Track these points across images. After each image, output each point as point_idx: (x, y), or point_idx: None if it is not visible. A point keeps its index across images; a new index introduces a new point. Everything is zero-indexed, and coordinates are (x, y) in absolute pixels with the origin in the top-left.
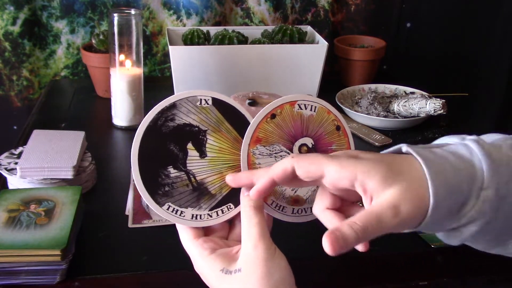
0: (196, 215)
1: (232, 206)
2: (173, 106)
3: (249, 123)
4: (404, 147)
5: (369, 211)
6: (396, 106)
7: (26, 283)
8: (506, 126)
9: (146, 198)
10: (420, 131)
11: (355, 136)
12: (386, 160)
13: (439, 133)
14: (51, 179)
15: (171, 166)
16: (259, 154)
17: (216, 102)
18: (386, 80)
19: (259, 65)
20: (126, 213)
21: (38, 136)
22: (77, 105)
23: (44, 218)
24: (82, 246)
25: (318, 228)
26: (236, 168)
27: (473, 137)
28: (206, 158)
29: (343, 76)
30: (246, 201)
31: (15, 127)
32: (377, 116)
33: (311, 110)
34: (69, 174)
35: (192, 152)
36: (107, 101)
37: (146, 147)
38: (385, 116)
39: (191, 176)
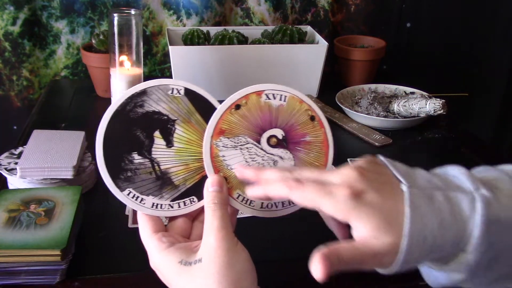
0: (157, 204)
1: (195, 199)
2: (143, 92)
3: None
4: (405, 188)
5: (355, 249)
6: (396, 106)
7: (26, 283)
8: (506, 126)
9: (107, 181)
10: (420, 131)
11: (355, 136)
12: (385, 208)
13: (439, 133)
14: (51, 179)
15: (135, 152)
16: (222, 146)
17: (189, 93)
18: (386, 80)
19: (259, 65)
20: (126, 213)
21: (38, 136)
22: (77, 105)
23: (44, 218)
24: (82, 246)
25: (317, 228)
26: (203, 161)
27: (489, 194)
28: (172, 148)
29: (343, 76)
30: (211, 197)
31: (15, 127)
32: (377, 116)
33: (280, 100)
34: (69, 174)
35: (159, 141)
36: (107, 101)
37: (112, 130)
38: (385, 116)
39: (155, 164)
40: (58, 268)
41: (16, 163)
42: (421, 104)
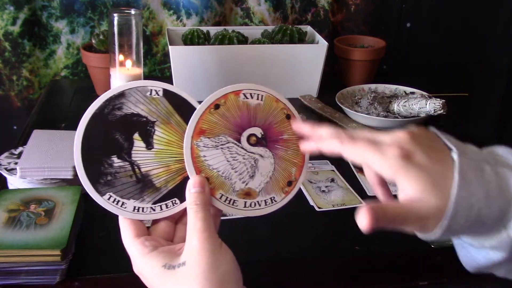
0: (139, 207)
1: (177, 201)
2: (121, 95)
3: None
4: (455, 156)
5: (400, 208)
6: (396, 106)
7: (26, 283)
8: (506, 126)
9: (87, 186)
10: None
11: None
12: (433, 171)
13: None
14: (51, 179)
15: (115, 156)
16: (203, 146)
17: (168, 94)
18: (386, 80)
19: (259, 65)
20: None
21: (38, 136)
22: (77, 105)
23: (44, 218)
24: (82, 246)
25: (318, 228)
26: (184, 162)
27: None
28: (153, 150)
29: (343, 76)
30: (193, 198)
31: (15, 127)
32: (377, 116)
33: (257, 99)
34: (69, 174)
35: (139, 143)
36: None
37: (91, 134)
38: (385, 116)
39: (135, 167)
40: (58, 268)
41: (16, 163)
42: (421, 104)
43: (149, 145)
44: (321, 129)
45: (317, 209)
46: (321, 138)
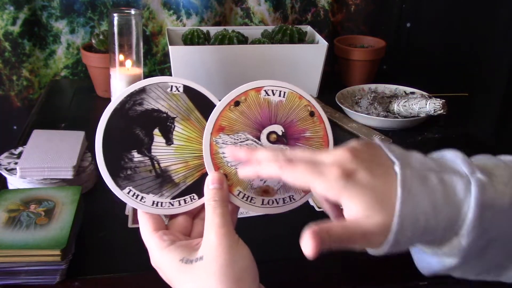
0: (157, 202)
1: (195, 197)
2: (142, 90)
3: None
4: (397, 169)
5: (345, 228)
6: (396, 106)
7: (26, 283)
8: (506, 126)
9: (107, 180)
10: (420, 131)
11: (355, 136)
12: (376, 187)
13: (439, 133)
14: (51, 179)
15: (135, 150)
16: (222, 143)
17: (188, 90)
18: (386, 80)
19: (259, 65)
20: (126, 213)
21: (38, 136)
22: (77, 105)
23: (44, 218)
24: (82, 246)
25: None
26: (203, 159)
27: (485, 178)
28: (172, 145)
29: (343, 76)
30: (211, 194)
31: (15, 127)
32: (377, 116)
33: (279, 96)
34: (69, 174)
35: (158, 138)
36: (107, 101)
37: (112, 129)
38: (385, 116)
39: (155, 162)
40: (58, 268)
41: (16, 163)
42: (421, 104)
43: (168, 141)
44: (258, 152)
45: (317, 209)
46: (258, 163)
